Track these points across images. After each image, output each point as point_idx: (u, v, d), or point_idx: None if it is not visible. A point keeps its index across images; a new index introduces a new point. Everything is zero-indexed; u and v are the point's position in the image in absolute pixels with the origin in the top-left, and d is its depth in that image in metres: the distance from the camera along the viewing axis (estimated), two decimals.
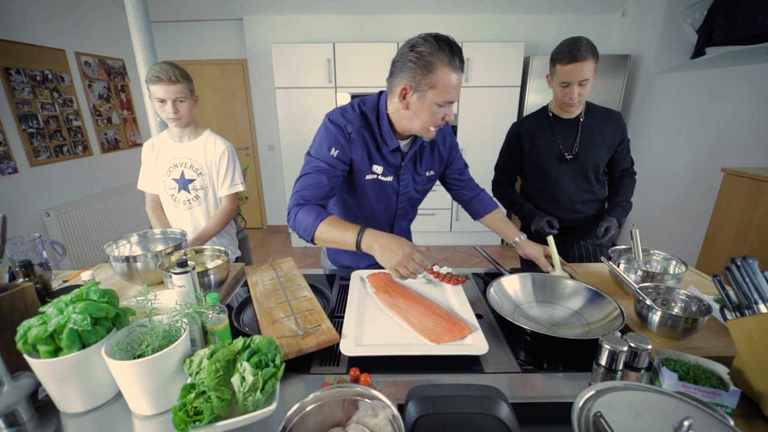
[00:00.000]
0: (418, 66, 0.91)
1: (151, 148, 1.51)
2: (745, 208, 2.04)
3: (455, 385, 0.60)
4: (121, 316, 0.75)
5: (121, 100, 3.57)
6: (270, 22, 3.73)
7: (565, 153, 1.42)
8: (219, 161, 1.50)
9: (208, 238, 1.49)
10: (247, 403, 0.63)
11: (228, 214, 1.54)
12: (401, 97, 0.97)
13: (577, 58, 1.23)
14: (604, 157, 1.44)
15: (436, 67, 0.90)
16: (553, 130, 1.44)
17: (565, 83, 1.29)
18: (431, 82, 0.91)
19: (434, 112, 0.96)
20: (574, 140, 1.42)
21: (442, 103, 0.94)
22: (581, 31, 3.69)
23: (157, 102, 1.36)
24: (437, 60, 0.89)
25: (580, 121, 1.41)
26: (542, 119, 1.47)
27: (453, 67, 0.90)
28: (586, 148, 1.41)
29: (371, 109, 1.08)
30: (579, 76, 1.25)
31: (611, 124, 1.41)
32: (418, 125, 1.00)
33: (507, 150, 1.58)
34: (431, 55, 0.89)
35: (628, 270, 1.08)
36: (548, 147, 1.44)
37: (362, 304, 1.02)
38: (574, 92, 1.29)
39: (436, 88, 0.92)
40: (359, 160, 1.08)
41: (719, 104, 2.64)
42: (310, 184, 1.02)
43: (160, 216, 1.57)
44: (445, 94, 0.92)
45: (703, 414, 0.52)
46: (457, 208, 3.83)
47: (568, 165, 1.43)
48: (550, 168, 1.46)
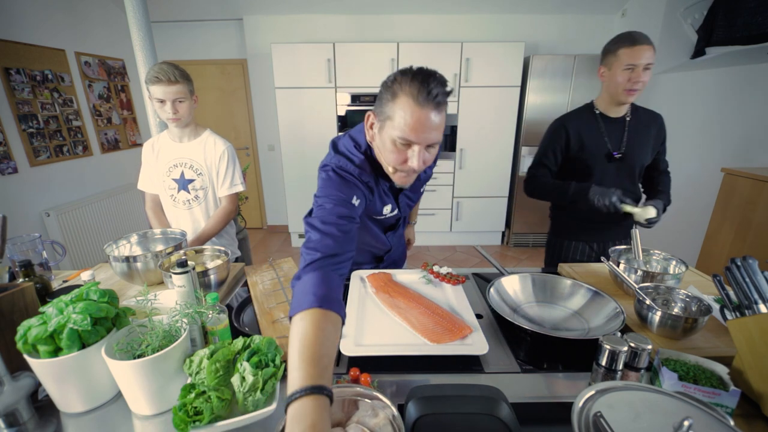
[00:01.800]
0: (382, 95, 0.81)
1: (151, 148, 1.51)
2: (745, 208, 2.04)
3: (455, 385, 0.60)
4: (121, 316, 0.75)
5: (121, 100, 3.57)
6: (270, 22, 3.73)
7: (613, 152, 1.38)
8: (219, 161, 1.49)
9: (208, 238, 1.49)
10: (247, 403, 0.63)
11: (228, 215, 1.53)
12: (368, 126, 0.88)
13: (642, 40, 1.21)
14: (649, 158, 1.41)
15: (397, 97, 0.77)
16: (600, 129, 1.39)
17: (630, 66, 1.23)
18: (389, 113, 0.79)
19: (391, 150, 0.82)
20: (621, 139, 1.38)
21: (400, 141, 0.79)
22: (581, 31, 3.70)
23: (157, 102, 1.36)
24: (400, 91, 0.76)
25: (627, 120, 1.38)
26: (589, 116, 1.41)
27: (417, 102, 0.75)
28: (633, 148, 1.38)
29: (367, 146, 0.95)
30: (646, 58, 1.22)
31: (655, 125, 1.40)
32: (384, 161, 0.88)
33: (550, 145, 1.46)
34: (398, 83, 0.77)
35: (628, 270, 1.08)
36: (596, 145, 1.39)
37: (362, 304, 1.02)
38: (640, 75, 1.23)
39: (393, 120, 0.78)
40: (373, 204, 1.01)
41: (719, 104, 2.64)
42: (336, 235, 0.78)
43: (159, 216, 1.57)
44: (401, 129, 0.77)
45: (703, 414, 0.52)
46: (457, 208, 3.83)
47: (615, 165, 1.39)
48: (596, 167, 1.40)
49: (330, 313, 0.64)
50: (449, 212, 3.85)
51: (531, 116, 3.49)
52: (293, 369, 0.54)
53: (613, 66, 1.29)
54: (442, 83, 0.77)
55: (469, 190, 3.78)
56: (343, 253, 0.77)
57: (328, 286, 0.68)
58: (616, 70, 1.28)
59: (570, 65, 3.31)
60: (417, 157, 0.80)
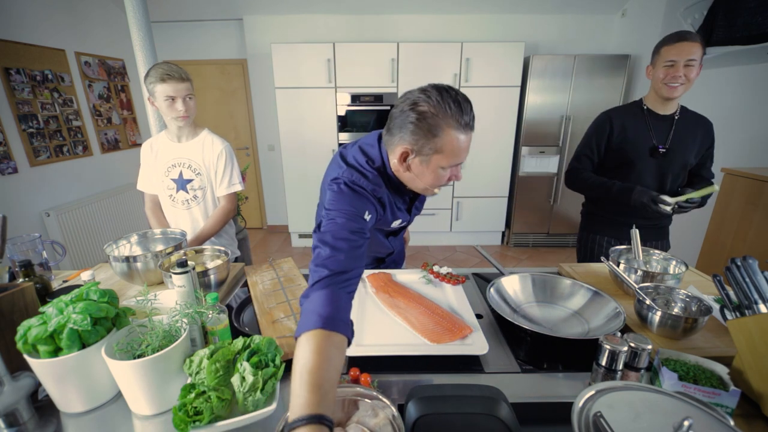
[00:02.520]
0: (420, 128, 0.79)
1: (149, 149, 1.51)
2: (745, 208, 2.04)
3: (455, 385, 0.60)
4: (121, 316, 0.75)
5: (121, 100, 3.57)
6: (270, 22, 3.73)
7: (659, 146, 1.38)
8: (217, 161, 1.49)
9: (207, 238, 1.49)
10: (247, 403, 0.63)
11: (226, 214, 1.53)
12: (401, 160, 0.86)
13: (686, 37, 1.24)
14: (693, 159, 1.40)
15: (441, 130, 0.78)
16: (647, 124, 1.40)
17: (671, 62, 1.27)
18: (436, 147, 0.80)
19: (439, 175, 0.85)
20: (667, 135, 1.38)
21: (448, 166, 0.84)
22: (581, 31, 3.70)
23: (166, 100, 1.35)
24: (442, 122, 0.77)
25: (675, 118, 1.39)
26: (636, 111, 1.43)
27: (461, 128, 0.78)
28: (678, 145, 1.37)
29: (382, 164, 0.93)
30: (686, 54, 1.24)
31: (703, 128, 1.40)
32: (420, 186, 0.91)
33: (594, 137, 1.48)
34: (435, 116, 0.77)
35: (628, 270, 1.08)
36: (641, 138, 1.40)
37: (362, 304, 1.02)
38: (679, 71, 1.26)
39: (443, 152, 0.80)
40: (384, 217, 0.99)
41: (719, 104, 2.64)
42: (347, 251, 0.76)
43: (159, 216, 1.56)
44: (452, 158, 0.81)
45: (703, 414, 0.52)
46: (457, 208, 3.83)
47: (658, 160, 1.39)
48: (638, 160, 1.41)
49: (334, 335, 0.62)
50: (449, 212, 3.85)
51: (531, 116, 3.49)
52: (295, 396, 0.54)
53: (656, 63, 1.33)
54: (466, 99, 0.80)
55: (469, 190, 3.79)
56: (353, 269, 0.75)
57: (335, 305, 0.66)
58: (658, 68, 1.32)
59: (570, 65, 3.31)
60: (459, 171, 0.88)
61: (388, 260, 1.33)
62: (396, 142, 0.85)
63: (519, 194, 3.74)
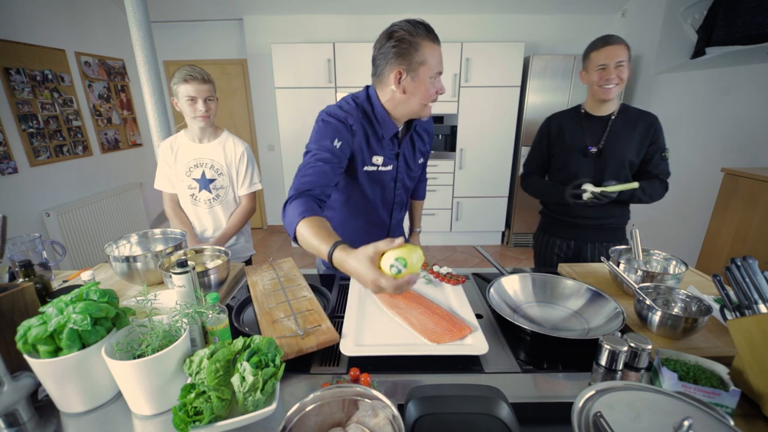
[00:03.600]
0: (402, 49, 0.96)
1: (169, 148, 1.53)
2: (745, 208, 2.04)
3: (455, 385, 0.60)
4: (121, 316, 0.75)
5: (121, 100, 3.57)
6: (270, 22, 3.73)
7: (589, 146, 1.43)
8: (239, 162, 1.55)
9: (231, 236, 1.56)
10: (247, 403, 0.63)
11: (248, 213, 1.61)
12: (396, 83, 1.00)
13: (611, 41, 1.30)
14: (632, 157, 1.42)
15: (420, 45, 0.96)
16: (582, 125, 1.46)
17: (602, 65, 1.32)
18: (420, 59, 0.97)
19: (428, 87, 1.00)
20: (601, 136, 1.43)
21: (433, 76, 1.00)
22: (581, 31, 3.70)
23: (188, 101, 1.40)
24: (419, 38, 0.96)
25: (611, 118, 1.42)
26: (574, 115, 1.50)
27: (433, 41, 0.98)
28: (612, 145, 1.41)
29: (365, 101, 1.09)
30: (614, 56, 1.30)
31: (643, 124, 1.41)
32: (416, 105, 1.03)
33: (537, 144, 1.59)
34: (411, 35, 0.96)
35: (628, 270, 1.08)
36: (574, 140, 1.46)
37: (362, 304, 1.02)
38: (611, 73, 1.32)
39: (426, 63, 0.97)
40: (359, 151, 1.09)
41: (719, 104, 2.64)
42: (311, 175, 0.96)
43: (180, 215, 1.58)
44: (435, 66, 0.98)
45: (703, 414, 0.52)
46: (457, 208, 3.83)
47: (592, 160, 1.44)
48: (573, 161, 1.47)
49: (314, 217, 0.85)
50: (449, 212, 3.85)
51: (531, 116, 3.49)
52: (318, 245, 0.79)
53: (588, 68, 1.38)
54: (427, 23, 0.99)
55: (469, 190, 3.79)
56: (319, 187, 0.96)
57: (306, 204, 0.89)
58: (591, 72, 1.37)
59: (570, 65, 3.31)
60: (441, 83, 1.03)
61: None
62: (386, 72, 1.00)
63: (519, 194, 3.74)
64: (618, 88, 1.35)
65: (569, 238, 1.56)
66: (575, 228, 1.53)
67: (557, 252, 1.59)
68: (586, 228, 1.52)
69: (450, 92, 3.47)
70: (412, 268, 0.67)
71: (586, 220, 1.50)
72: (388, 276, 0.67)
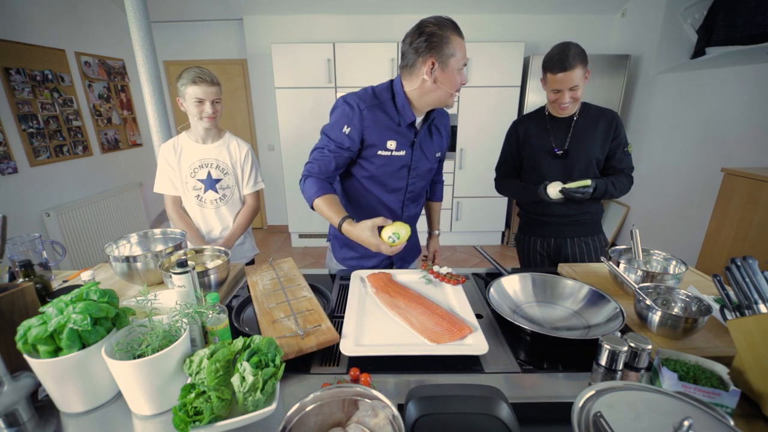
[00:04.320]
0: (434, 42, 1.05)
1: (172, 150, 1.52)
2: (745, 208, 2.04)
3: (455, 385, 0.60)
4: (121, 316, 0.75)
5: (121, 100, 3.57)
6: (270, 22, 3.73)
7: (555, 149, 1.47)
8: (243, 162, 1.57)
9: (239, 235, 1.59)
10: (247, 403, 0.63)
11: (254, 212, 1.64)
12: (429, 73, 1.08)
13: (565, 67, 1.29)
14: (597, 154, 1.45)
15: (450, 39, 1.06)
16: (547, 128, 1.49)
17: (556, 90, 1.36)
18: (451, 51, 1.06)
19: (455, 77, 1.09)
20: (565, 138, 1.46)
21: (461, 67, 1.09)
22: (581, 31, 3.70)
23: (195, 102, 1.41)
24: (449, 32, 1.06)
25: (574, 119, 1.46)
26: (539, 118, 1.53)
27: (460, 34, 1.09)
28: (576, 146, 1.45)
29: (384, 90, 1.18)
30: (568, 83, 1.32)
31: (604, 121, 1.44)
32: (443, 94, 1.12)
33: (506, 147, 1.65)
34: (441, 30, 1.06)
35: (628, 270, 1.08)
36: (540, 143, 1.50)
37: (362, 304, 1.02)
38: (565, 98, 1.36)
39: (456, 55, 1.07)
40: (372, 135, 1.16)
41: (719, 104, 2.64)
42: (319, 160, 1.17)
43: (184, 217, 1.58)
44: (463, 57, 1.09)
45: (703, 414, 0.52)
46: (457, 208, 3.83)
47: (560, 161, 1.47)
48: (542, 164, 1.51)
49: (327, 195, 1.13)
50: (449, 212, 3.85)
51: None
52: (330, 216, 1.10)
53: (546, 84, 1.41)
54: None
55: (469, 190, 3.79)
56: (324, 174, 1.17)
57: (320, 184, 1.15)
58: (548, 89, 1.40)
59: None
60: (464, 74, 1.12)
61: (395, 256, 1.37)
62: (418, 64, 1.09)
63: None
64: (574, 105, 1.41)
65: (548, 236, 1.59)
66: (553, 226, 1.57)
67: (539, 250, 1.63)
68: (563, 225, 1.55)
69: None
70: (403, 240, 1.04)
71: (562, 218, 1.54)
72: (386, 243, 1.02)
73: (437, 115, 1.27)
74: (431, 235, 1.61)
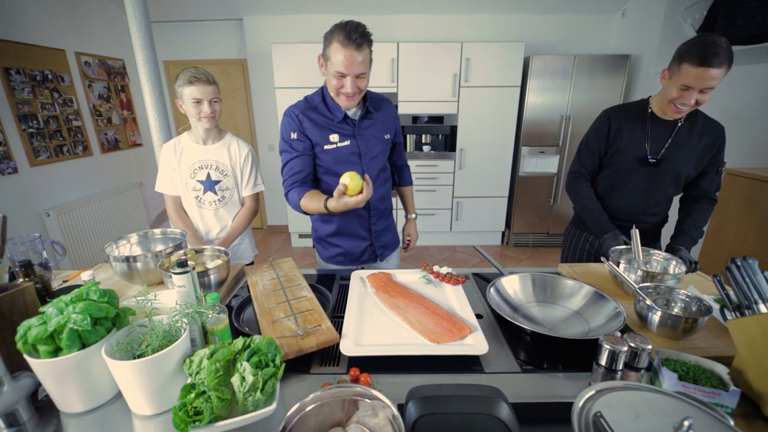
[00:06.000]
0: (324, 42, 1.18)
1: (173, 150, 1.52)
2: (745, 208, 2.04)
3: (455, 385, 0.60)
4: (121, 316, 0.75)
5: (121, 100, 3.57)
6: (270, 22, 3.73)
7: (649, 156, 1.32)
8: (243, 163, 1.56)
9: (236, 237, 1.58)
10: (247, 403, 0.63)
11: (253, 213, 1.63)
12: (320, 66, 1.23)
13: (712, 62, 1.08)
14: (691, 170, 1.32)
15: (330, 44, 1.14)
16: (646, 130, 1.32)
17: (685, 86, 1.16)
18: (328, 55, 1.16)
19: (332, 81, 1.19)
20: (663, 145, 1.31)
21: (335, 74, 1.16)
22: (581, 31, 3.70)
23: (193, 102, 1.40)
24: (333, 38, 1.13)
25: (678, 125, 1.30)
26: (638, 113, 1.35)
27: (343, 45, 1.11)
28: (673, 156, 1.30)
29: (316, 95, 1.33)
30: (704, 82, 1.12)
31: (710, 135, 1.29)
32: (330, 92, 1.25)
33: (594, 138, 1.43)
34: (331, 33, 1.14)
35: (628, 270, 1.08)
36: (634, 144, 1.34)
37: (362, 304, 1.02)
38: (692, 99, 1.16)
39: (331, 59, 1.15)
40: (314, 135, 1.28)
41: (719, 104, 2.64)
42: (289, 171, 1.30)
43: (183, 217, 1.58)
44: (335, 65, 1.14)
45: (703, 414, 0.52)
46: (457, 208, 3.83)
47: (648, 169, 1.34)
48: (626, 167, 1.37)
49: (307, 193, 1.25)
50: (449, 212, 3.85)
51: (531, 116, 3.49)
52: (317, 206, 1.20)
53: (673, 76, 1.20)
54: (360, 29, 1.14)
55: (469, 190, 3.78)
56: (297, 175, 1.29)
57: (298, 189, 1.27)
58: (673, 82, 1.20)
59: (570, 65, 3.31)
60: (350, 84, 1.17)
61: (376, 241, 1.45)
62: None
63: (519, 194, 3.74)
64: (690, 109, 1.22)
65: None
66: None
67: (583, 246, 1.54)
68: (620, 229, 1.39)
69: (450, 92, 3.47)
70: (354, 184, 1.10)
71: (623, 223, 1.41)
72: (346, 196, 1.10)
73: (374, 103, 1.35)
74: (407, 219, 1.64)
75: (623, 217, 1.43)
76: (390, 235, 1.52)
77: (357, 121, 1.31)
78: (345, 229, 1.41)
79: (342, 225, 1.40)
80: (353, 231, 1.42)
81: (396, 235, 1.57)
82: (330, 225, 1.42)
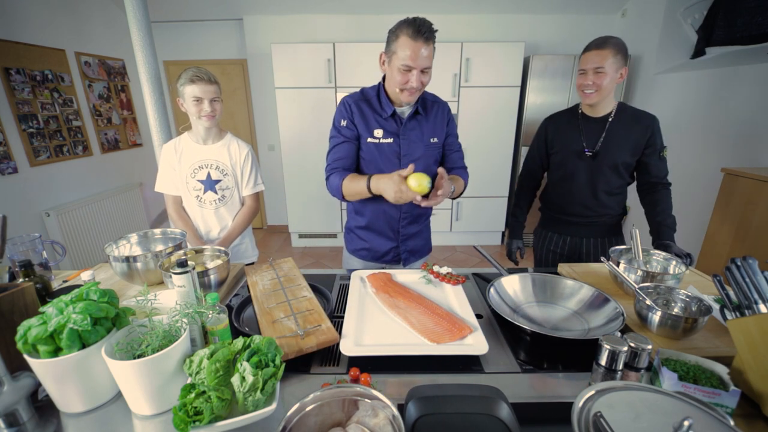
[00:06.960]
0: (388, 38, 1.17)
1: (173, 150, 1.52)
2: (745, 208, 2.04)
3: (455, 385, 0.60)
4: (121, 316, 0.75)
5: (121, 100, 3.57)
6: (270, 22, 3.73)
7: (585, 150, 1.44)
8: (243, 163, 1.57)
9: (236, 236, 1.58)
10: (247, 403, 0.63)
11: (253, 213, 1.63)
12: (381, 63, 1.24)
13: (597, 44, 1.29)
14: (627, 158, 1.42)
15: (398, 38, 1.12)
16: (580, 127, 1.46)
17: (582, 71, 1.34)
18: (394, 49, 1.15)
19: (397, 76, 1.17)
20: (598, 139, 1.43)
21: (402, 68, 1.14)
22: (581, 31, 3.70)
23: (194, 101, 1.41)
24: (400, 32, 1.12)
25: (609, 120, 1.42)
26: (571, 116, 1.51)
27: (412, 38, 1.10)
28: (608, 147, 1.42)
29: (372, 88, 1.33)
30: (594, 63, 1.30)
31: (640, 125, 1.40)
32: (393, 89, 1.23)
33: (535, 144, 1.62)
34: (396, 27, 1.13)
35: (628, 270, 1.08)
36: (571, 142, 1.48)
37: (362, 304, 1.02)
38: (588, 79, 1.33)
39: (397, 53, 1.13)
40: (361, 125, 1.30)
41: (719, 104, 2.64)
42: (335, 156, 1.30)
43: (184, 217, 1.58)
44: (402, 59, 1.13)
45: (703, 414, 0.52)
46: (457, 208, 3.83)
47: (587, 162, 1.45)
48: (569, 163, 1.49)
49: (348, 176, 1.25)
50: (449, 212, 3.85)
51: (531, 116, 3.49)
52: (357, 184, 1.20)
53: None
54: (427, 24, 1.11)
55: (469, 190, 3.75)
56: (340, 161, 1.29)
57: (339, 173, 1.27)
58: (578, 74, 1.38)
59: (570, 65, 3.31)
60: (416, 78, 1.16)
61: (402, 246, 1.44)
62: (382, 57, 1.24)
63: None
64: (598, 95, 1.35)
65: (565, 234, 1.60)
66: (570, 225, 1.57)
67: (553, 248, 1.64)
68: (579, 225, 1.55)
69: (450, 92, 3.47)
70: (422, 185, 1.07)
71: (580, 218, 1.54)
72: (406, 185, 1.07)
73: (427, 104, 1.34)
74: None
75: (578, 212, 1.54)
76: (420, 242, 1.49)
77: (404, 120, 1.30)
78: (374, 225, 1.41)
79: (372, 221, 1.40)
80: (381, 229, 1.41)
81: (428, 243, 1.55)
82: (361, 218, 1.42)
